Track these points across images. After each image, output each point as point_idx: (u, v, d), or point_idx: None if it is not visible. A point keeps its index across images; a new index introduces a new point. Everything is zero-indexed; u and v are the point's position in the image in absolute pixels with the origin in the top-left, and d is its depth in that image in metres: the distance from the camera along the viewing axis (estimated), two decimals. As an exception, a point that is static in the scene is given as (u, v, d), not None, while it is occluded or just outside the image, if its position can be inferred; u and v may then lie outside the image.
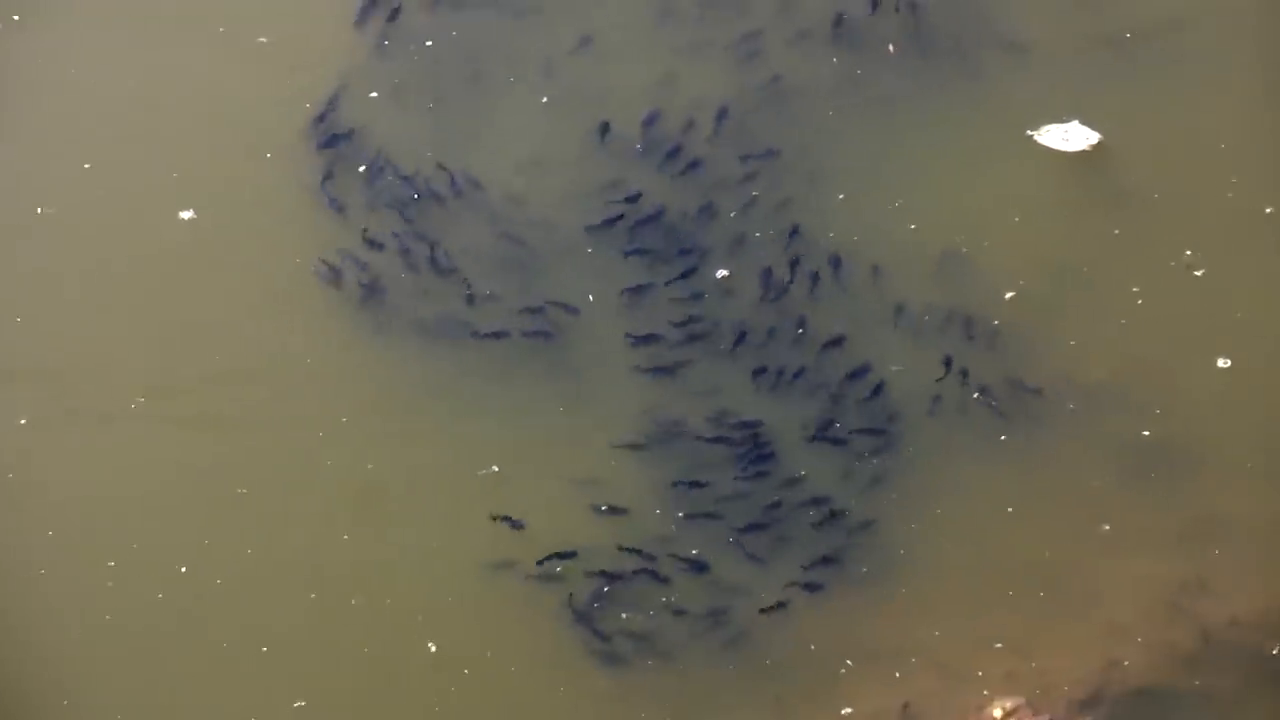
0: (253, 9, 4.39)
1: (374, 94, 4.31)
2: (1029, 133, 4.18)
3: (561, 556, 3.67)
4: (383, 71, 4.35)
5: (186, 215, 3.95)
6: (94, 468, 3.86)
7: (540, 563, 3.71)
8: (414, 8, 4.46)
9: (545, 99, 4.37)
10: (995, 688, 3.54)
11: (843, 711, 3.57)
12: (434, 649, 3.70)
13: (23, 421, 3.84)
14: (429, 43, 4.41)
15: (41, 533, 3.78)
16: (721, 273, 4.07)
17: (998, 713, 3.50)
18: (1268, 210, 4.03)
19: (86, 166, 4.00)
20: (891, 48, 4.37)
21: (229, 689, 3.68)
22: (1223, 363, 3.79)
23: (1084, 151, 4.16)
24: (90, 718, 3.61)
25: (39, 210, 3.95)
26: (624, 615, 3.79)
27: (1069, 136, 4.20)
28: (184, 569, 3.74)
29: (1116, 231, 4.02)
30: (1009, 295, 3.87)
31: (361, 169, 4.27)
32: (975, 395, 3.82)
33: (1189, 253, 3.95)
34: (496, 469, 3.87)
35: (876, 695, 3.59)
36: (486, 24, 4.45)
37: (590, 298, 4.12)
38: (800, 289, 4.09)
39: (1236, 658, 3.59)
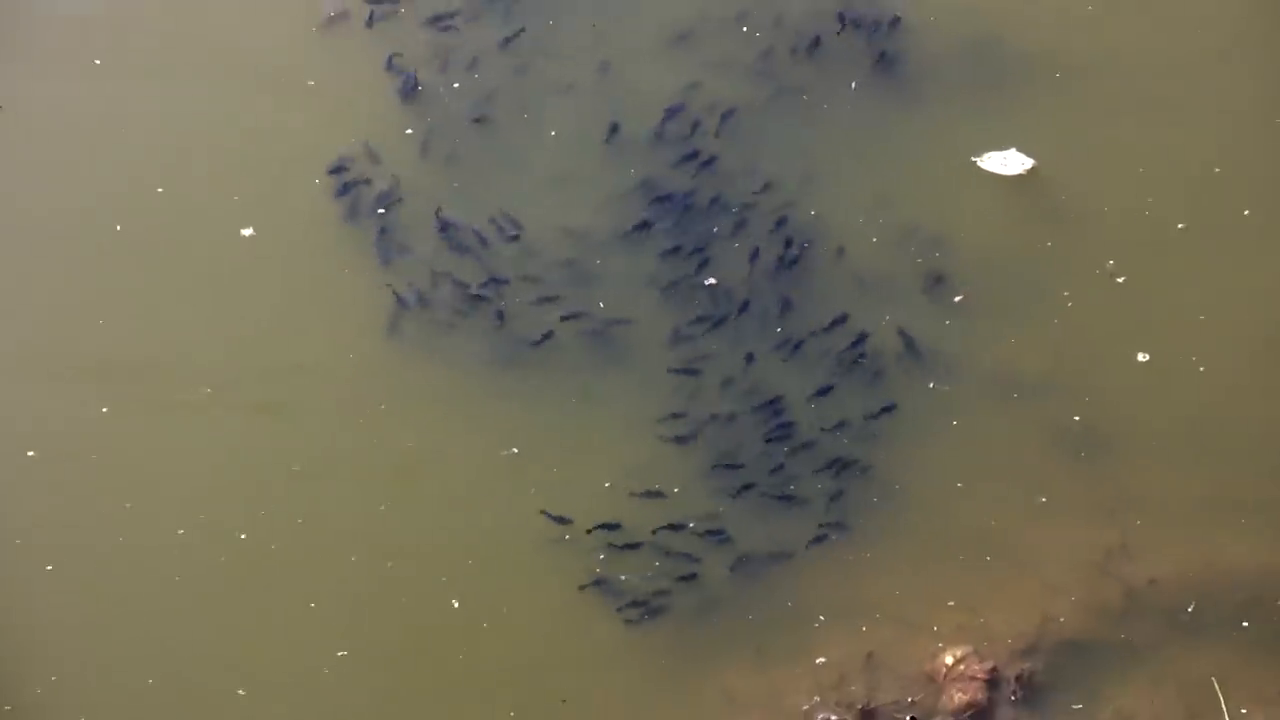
0: (302, 59, 4.34)
1: (409, 130, 4.28)
2: (973, 159, 4.17)
3: (607, 528, 3.67)
4: (415, 112, 4.32)
5: (247, 232, 3.95)
6: (166, 449, 3.85)
7: (589, 531, 3.74)
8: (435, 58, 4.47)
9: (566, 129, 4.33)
10: (947, 639, 3.56)
11: (817, 660, 3.58)
12: (457, 605, 3.71)
13: (105, 410, 3.83)
14: (457, 85, 4.40)
15: (120, 506, 3.79)
16: (709, 280, 4.06)
17: (949, 660, 3.52)
18: (1180, 226, 4.02)
19: (160, 191, 3.98)
20: (854, 85, 4.36)
21: (281, 639, 3.69)
22: (1142, 357, 3.80)
23: (1020, 175, 4.16)
24: (163, 664, 3.62)
25: (118, 228, 3.94)
26: (623, 578, 3.79)
27: (1007, 162, 4.20)
28: (243, 536, 3.74)
29: (1049, 244, 4.02)
30: (958, 299, 3.87)
31: (388, 189, 4.26)
32: (930, 386, 3.80)
33: (1111, 262, 3.95)
34: (516, 450, 3.86)
35: (845, 645, 3.61)
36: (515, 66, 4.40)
37: (601, 304, 4.11)
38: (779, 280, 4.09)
39: (1154, 613, 3.61)
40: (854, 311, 4.07)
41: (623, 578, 3.80)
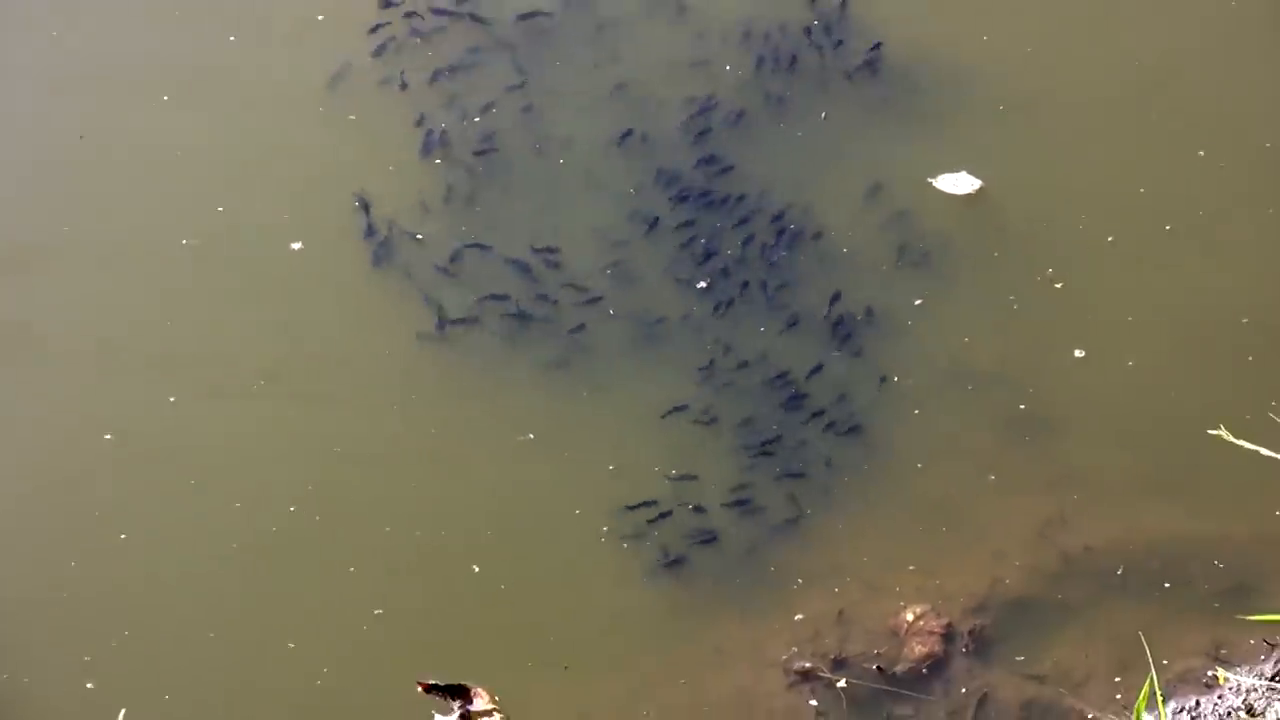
0: (346, 92, 4.33)
1: (438, 161, 4.26)
2: (929, 180, 4.18)
3: (646, 505, 3.68)
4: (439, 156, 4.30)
5: (296, 246, 3.95)
6: (225, 433, 3.86)
7: (631, 509, 3.74)
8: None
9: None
10: (908, 598, 3.57)
11: (795, 617, 3.61)
12: (476, 570, 3.72)
13: (172, 399, 3.86)
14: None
15: (186, 482, 3.82)
16: (700, 284, 4.06)
17: (910, 616, 3.52)
18: (1109, 239, 4.04)
19: (220, 210, 4.00)
20: (824, 115, 4.37)
21: (325, 599, 3.70)
22: (1079, 353, 3.82)
23: (970, 194, 4.17)
24: (221, 620, 3.65)
25: (184, 242, 3.96)
26: (624, 545, 3.79)
27: (958, 183, 4.21)
28: (293, 509, 3.76)
29: (996, 254, 4.04)
30: (918, 302, 3.87)
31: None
32: (894, 379, 3.83)
33: (1050, 270, 3.97)
34: (531, 436, 3.89)
35: (819, 604, 3.62)
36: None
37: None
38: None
39: (1088, 576, 3.64)
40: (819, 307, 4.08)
41: (624, 545, 3.79)
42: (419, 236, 4.11)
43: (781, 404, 3.88)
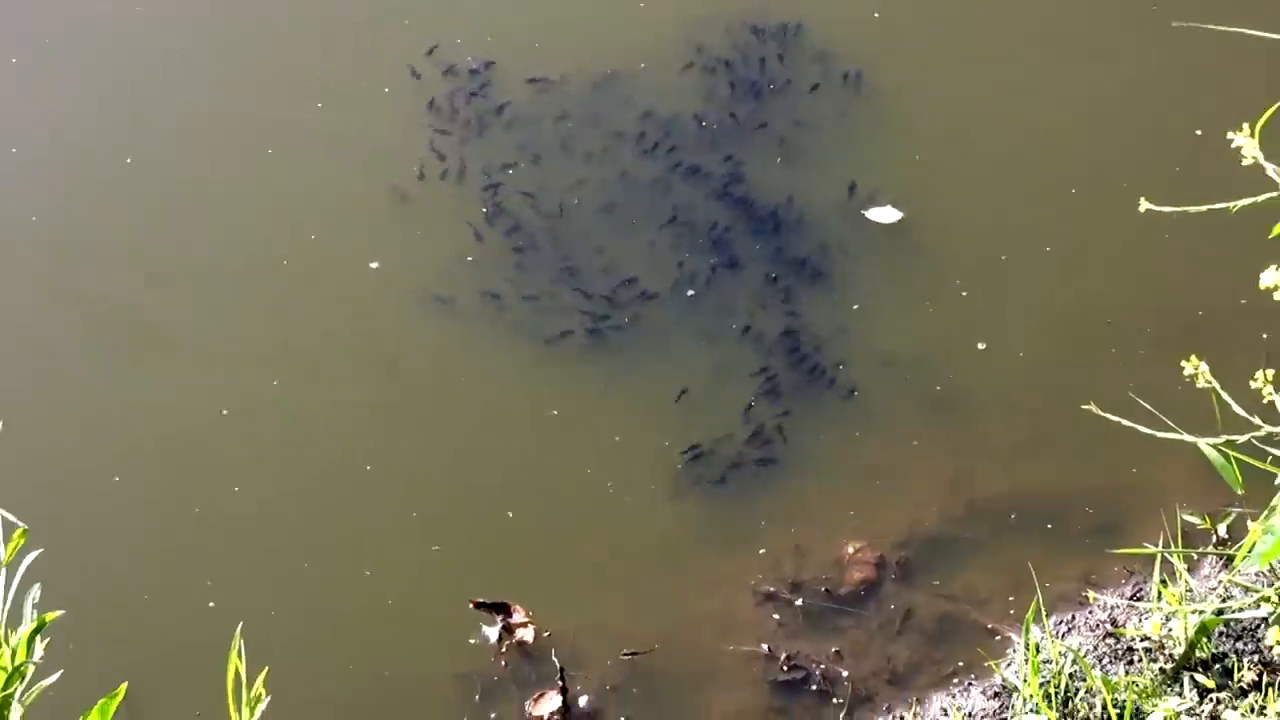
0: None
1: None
2: (862, 211, 4.18)
3: (695, 447, 3.72)
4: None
5: (375, 265, 3.96)
6: (316, 408, 3.93)
7: (684, 453, 3.75)
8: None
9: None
10: (849, 536, 3.60)
11: (759, 551, 3.63)
12: (510, 515, 3.74)
13: (275, 383, 3.89)
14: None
15: (285, 447, 3.87)
16: (689, 292, 4.07)
17: (850, 550, 3.55)
18: (1003, 257, 4.07)
19: (313, 238, 4.04)
20: (779, 159, 4.35)
21: (393, 539, 3.71)
22: (981, 346, 3.84)
23: (893, 223, 4.17)
24: (311, 557, 3.67)
25: (285, 263, 4.01)
26: (626, 500, 3.79)
27: (884, 214, 4.21)
28: (368, 467, 3.78)
29: (914, 270, 4.05)
30: (855, 307, 3.89)
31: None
32: (839, 366, 3.83)
33: (958, 282, 3.97)
34: (555, 412, 3.91)
35: (779, 542, 3.64)
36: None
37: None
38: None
39: (988, 519, 3.66)
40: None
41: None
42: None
43: (757, 390, 3.89)
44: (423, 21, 4.65)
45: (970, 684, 3.50)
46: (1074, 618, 3.56)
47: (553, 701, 3.49)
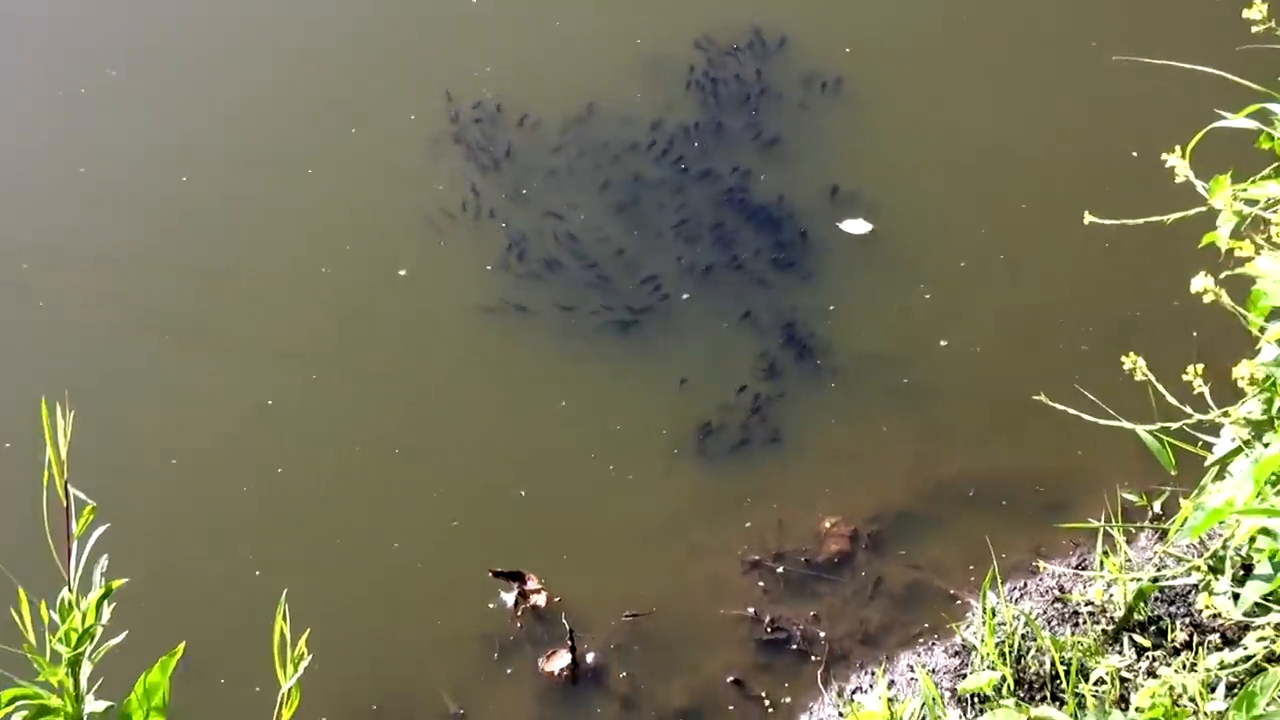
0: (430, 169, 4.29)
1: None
2: (838, 224, 4.18)
3: (706, 425, 3.70)
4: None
5: (402, 272, 3.95)
6: (350, 400, 3.91)
7: (700, 430, 3.73)
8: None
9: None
10: (826, 512, 3.59)
11: (745, 525, 3.62)
12: (523, 494, 3.74)
13: (314, 376, 3.90)
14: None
15: (322, 434, 3.85)
16: (684, 296, 4.05)
17: (827, 524, 3.54)
18: (961, 264, 4.04)
19: (347, 248, 4.01)
20: (763, 177, 4.34)
21: (418, 515, 3.70)
22: (943, 342, 3.83)
23: (864, 234, 4.17)
24: (346, 529, 3.65)
25: (323, 270, 3.99)
26: (630, 477, 3.78)
27: (856, 226, 4.21)
28: (396, 451, 3.79)
29: (882, 276, 4.04)
30: (831, 307, 3.89)
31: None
32: (817, 362, 3.82)
33: (921, 286, 3.97)
34: (564, 404, 3.90)
35: (764, 516, 3.63)
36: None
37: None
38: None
39: (950, 496, 3.66)
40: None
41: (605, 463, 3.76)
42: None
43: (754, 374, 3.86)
44: (444, 56, 4.65)
45: (934, 643, 3.51)
46: (1026, 585, 3.56)
47: (563, 659, 3.49)
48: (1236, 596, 2.76)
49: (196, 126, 4.50)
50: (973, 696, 3.21)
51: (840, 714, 3.35)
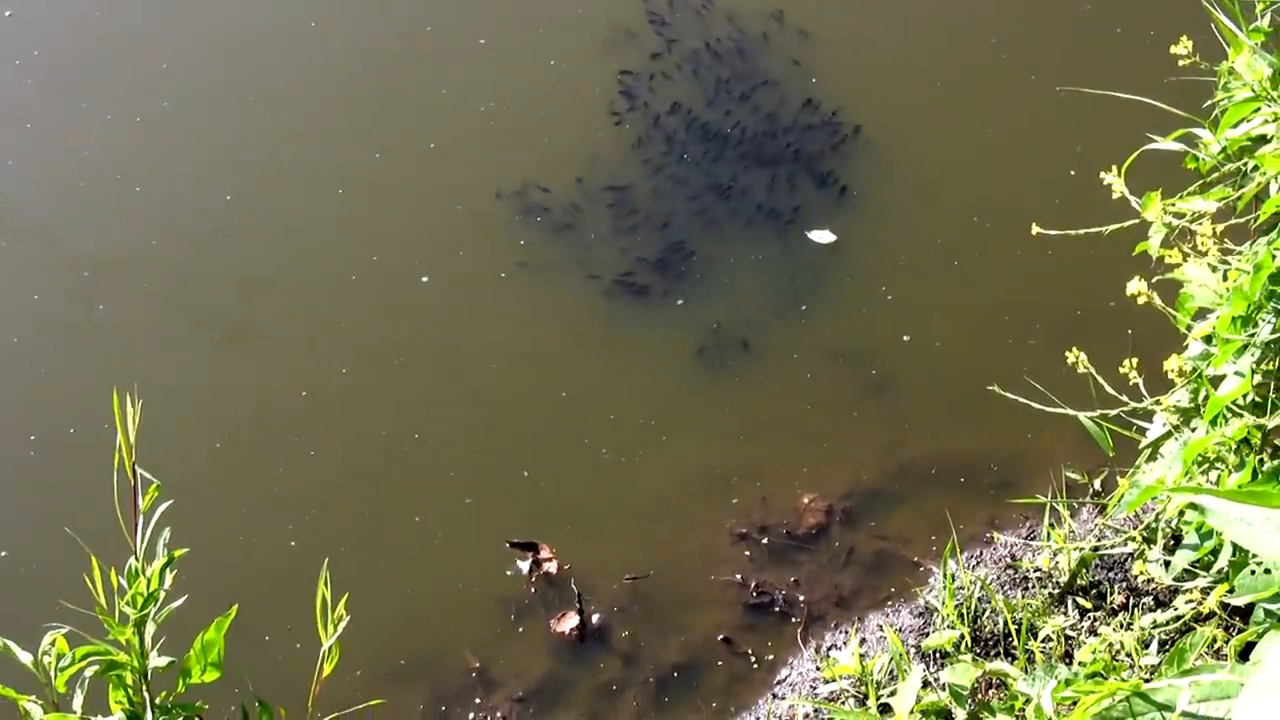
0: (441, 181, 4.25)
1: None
2: (807, 233, 4.16)
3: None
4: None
5: (425, 279, 3.93)
6: (376, 389, 3.90)
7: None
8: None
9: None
10: (804, 489, 3.59)
11: (732, 501, 3.61)
12: (526, 474, 3.70)
13: (344, 370, 3.89)
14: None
15: (351, 420, 3.83)
16: (679, 301, 4.04)
17: (805, 500, 3.54)
18: (921, 270, 4.06)
19: (375, 258, 3.99)
20: (749, 195, 4.33)
21: (436, 493, 3.69)
22: (906, 338, 3.83)
23: (830, 243, 4.14)
24: (370, 506, 3.63)
25: (353, 278, 3.96)
26: (622, 459, 3.76)
27: (823, 236, 4.19)
28: (416, 435, 3.76)
29: (848, 279, 4.00)
30: (804, 307, 3.88)
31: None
32: (794, 357, 3.81)
33: (884, 288, 3.93)
34: (565, 394, 3.87)
35: (749, 493, 3.63)
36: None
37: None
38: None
39: (915, 473, 3.65)
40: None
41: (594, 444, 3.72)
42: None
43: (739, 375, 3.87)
44: (457, 89, 4.62)
45: (900, 606, 3.52)
46: (981, 553, 3.58)
47: (572, 620, 3.50)
48: (1167, 564, 2.79)
49: (240, 151, 4.50)
50: (935, 652, 3.24)
51: (817, 668, 3.35)
